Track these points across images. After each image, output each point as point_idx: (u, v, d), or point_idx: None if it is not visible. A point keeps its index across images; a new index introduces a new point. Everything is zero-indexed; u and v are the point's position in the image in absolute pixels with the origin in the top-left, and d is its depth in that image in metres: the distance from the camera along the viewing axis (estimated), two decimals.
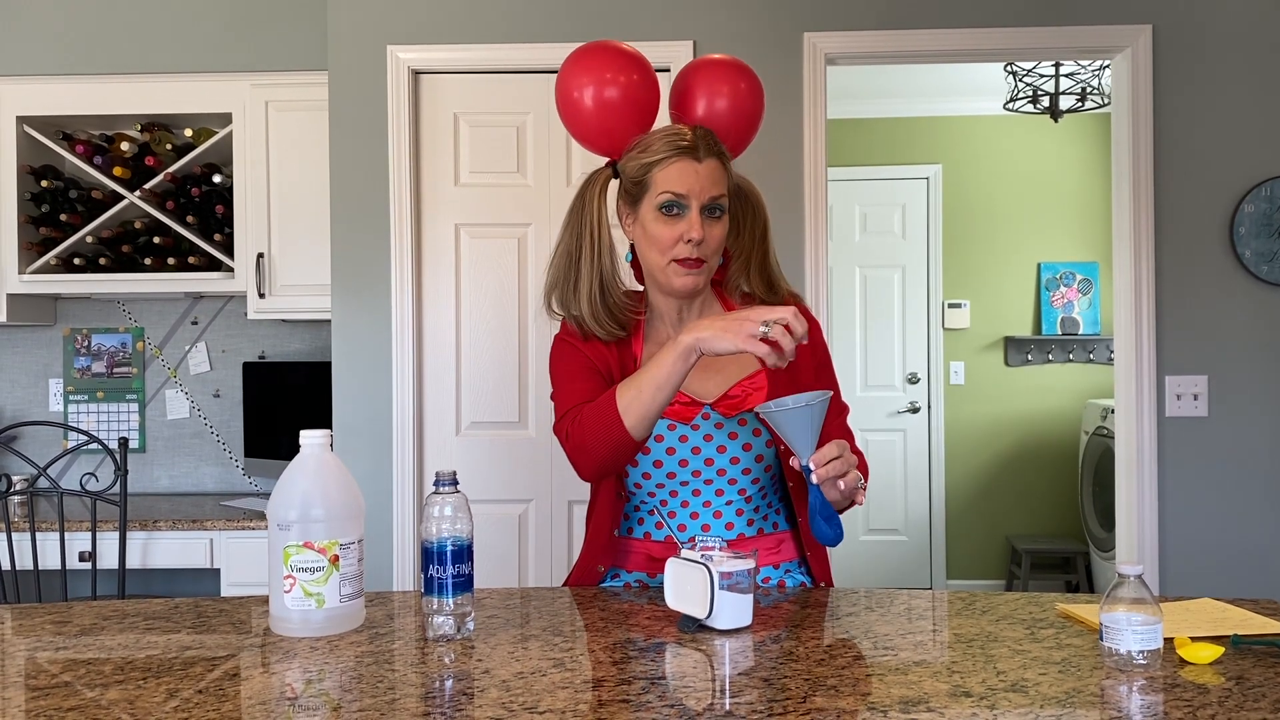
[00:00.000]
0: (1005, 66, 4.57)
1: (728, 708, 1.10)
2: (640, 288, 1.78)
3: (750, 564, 1.39)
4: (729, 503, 1.68)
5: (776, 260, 1.79)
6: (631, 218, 1.70)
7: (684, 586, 1.40)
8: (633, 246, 1.73)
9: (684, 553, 1.41)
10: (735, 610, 1.37)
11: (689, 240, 1.62)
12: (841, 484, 1.48)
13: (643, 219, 1.67)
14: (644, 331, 1.75)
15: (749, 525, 1.69)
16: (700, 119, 1.75)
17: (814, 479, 1.48)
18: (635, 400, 1.53)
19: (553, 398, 1.73)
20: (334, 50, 3.20)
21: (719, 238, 1.66)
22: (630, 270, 1.78)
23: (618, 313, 1.70)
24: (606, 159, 1.76)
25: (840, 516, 1.56)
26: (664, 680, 1.19)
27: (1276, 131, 3.12)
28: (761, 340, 1.45)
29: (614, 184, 1.74)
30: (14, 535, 3.14)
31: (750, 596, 1.39)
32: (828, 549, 1.81)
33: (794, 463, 1.50)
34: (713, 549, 1.42)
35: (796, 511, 1.73)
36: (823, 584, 1.76)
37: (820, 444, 1.49)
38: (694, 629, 1.38)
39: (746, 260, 1.76)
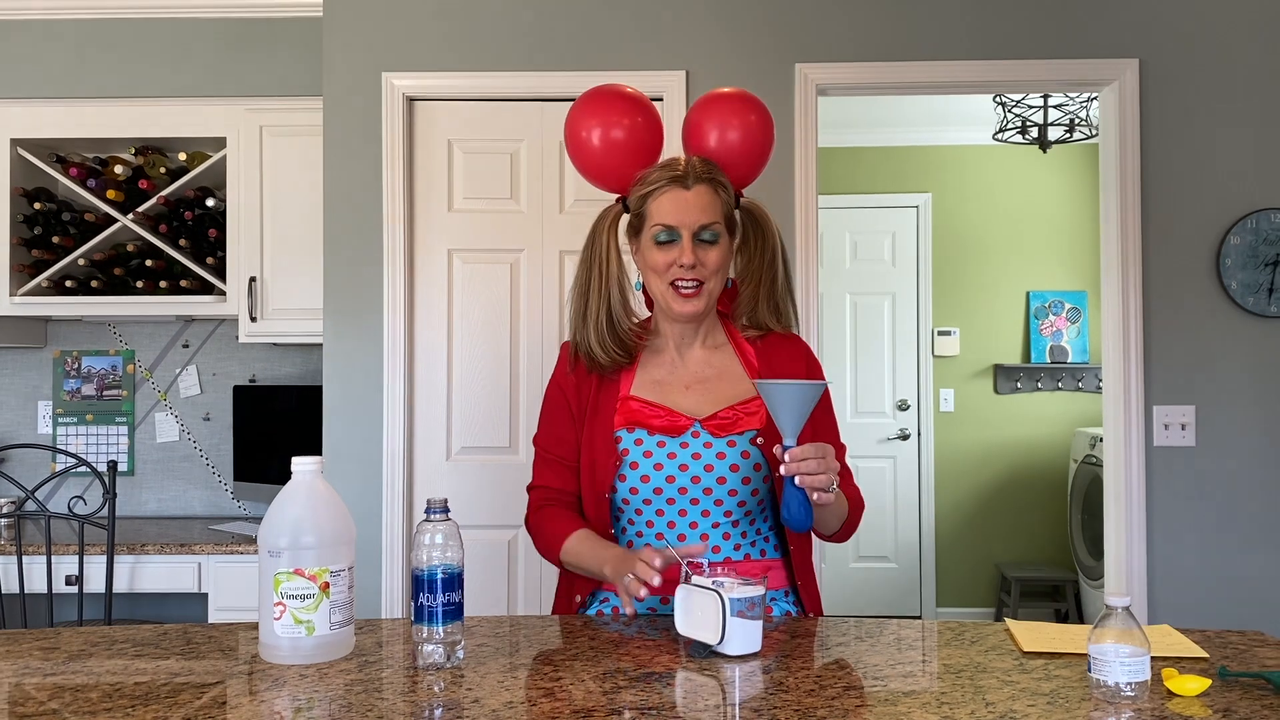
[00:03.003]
0: (994, 98, 4.61)
1: None
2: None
3: (760, 590, 1.41)
4: (715, 525, 1.69)
5: (788, 288, 1.81)
6: (636, 248, 1.77)
7: (695, 613, 1.40)
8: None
9: (695, 579, 1.42)
10: (746, 637, 1.39)
11: (680, 264, 1.68)
12: (808, 480, 1.50)
13: (643, 249, 1.74)
14: (640, 360, 1.79)
15: (735, 550, 1.70)
16: (711, 152, 1.79)
17: (783, 470, 1.51)
18: (572, 564, 1.72)
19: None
20: (329, 76, 3.22)
21: (715, 262, 1.70)
22: (642, 299, 1.84)
23: (626, 339, 1.76)
24: (616, 195, 1.83)
25: (811, 508, 1.55)
26: (654, 710, 1.19)
27: (1262, 164, 3.15)
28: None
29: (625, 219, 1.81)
30: (0, 558, 3.12)
31: (760, 623, 1.41)
32: (817, 578, 1.83)
33: (776, 450, 1.53)
34: (701, 569, 1.44)
35: (793, 549, 1.75)
36: (811, 613, 1.76)
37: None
38: (705, 655, 1.39)
39: (755, 286, 1.79)
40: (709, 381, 1.76)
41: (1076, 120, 4.57)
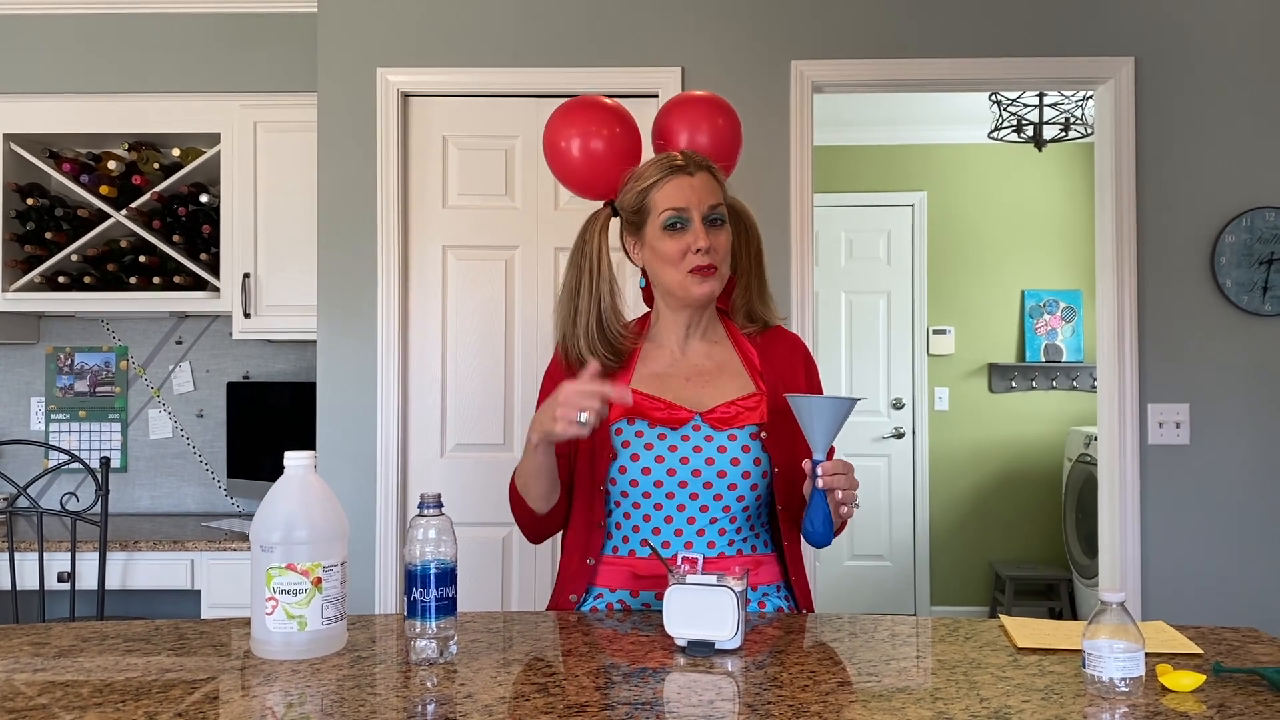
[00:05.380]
0: (990, 96, 4.61)
1: None
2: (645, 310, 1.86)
3: (745, 582, 1.43)
4: (713, 520, 1.69)
5: (768, 280, 1.87)
6: (638, 245, 1.77)
7: (697, 612, 1.39)
8: (644, 273, 1.80)
9: (691, 578, 1.41)
10: (746, 630, 1.42)
11: (697, 250, 1.68)
12: (840, 494, 1.57)
13: (649, 241, 1.73)
14: (640, 353, 1.79)
15: (729, 545, 1.70)
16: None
17: (819, 483, 1.55)
18: (524, 486, 1.74)
19: None
20: (323, 72, 3.21)
21: (725, 244, 1.73)
22: (630, 301, 1.86)
23: (615, 342, 1.76)
24: (602, 201, 1.84)
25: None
26: (647, 706, 1.19)
27: (1257, 163, 3.16)
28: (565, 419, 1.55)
29: (614, 222, 1.81)
30: None
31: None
32: (807, 573, 1.83)
33: (805, 464, 1.57)
34: (696, 564, 1.45)
35: (783, 526, 1.75)
36: (803, 608, 1.76)
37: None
38: (710, 653, 1.38)
39: (748, 278, 1.83)
40: (709, 375, 1.77)
41: (1071, 119, 4.57)
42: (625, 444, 1.70)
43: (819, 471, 1.55)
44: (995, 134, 4.77)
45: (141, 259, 3.53)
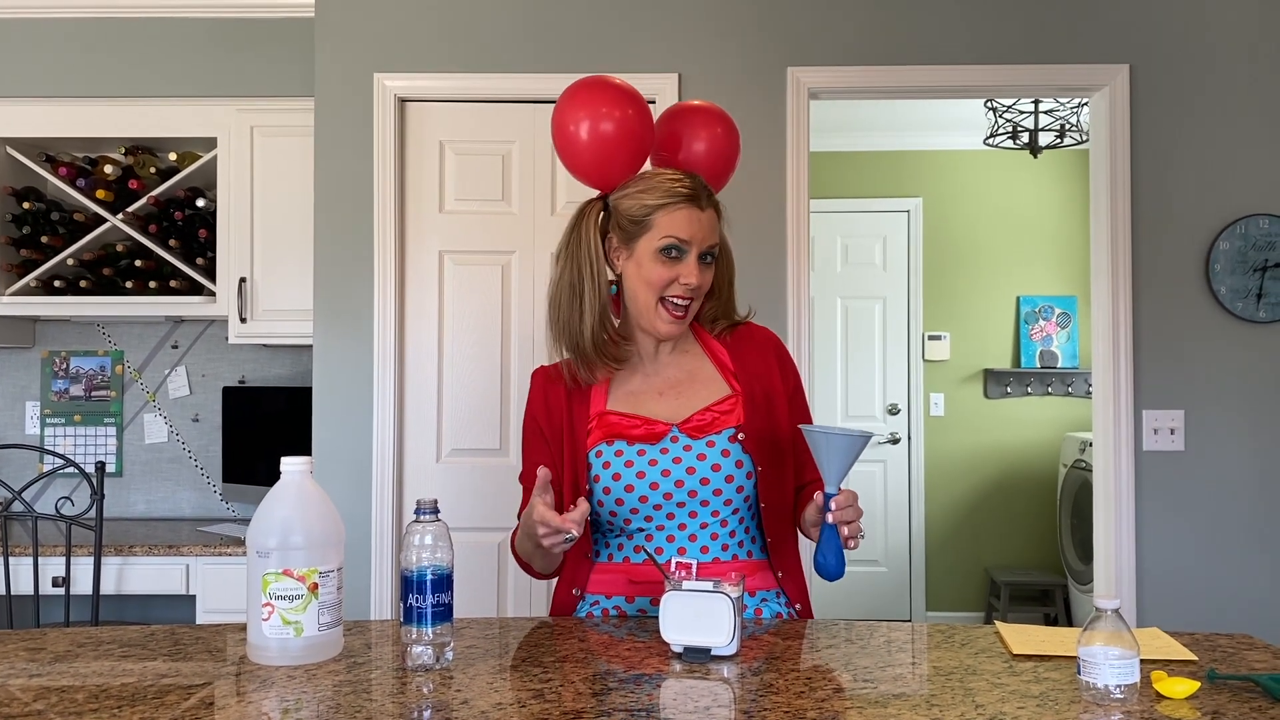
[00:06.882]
0: (985, 103, 4.63)
1: None
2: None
3: (741, 588, 1.43)
4: (703, 525, 1.69)
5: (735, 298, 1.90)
6: (624, 253, 1.74)
7: (693, 618, 1.39)
8: (617, 280, 1.78)
9: (687, 584, 1.41)
10: (742, 634, 1.41)
11: (684, 283, 1.68)
12: (846, 529, 1.55)
13: (638, 257, 1.71)
14: (611, 379, 1.78)
15: (724, 550, 1.70)
16: (680, 161, 1.83)
17: (829, 518, 1.54)
18: (526, 555, 1.74)
19: None
20: (321, 77, 3.21)
21: (708, 284, 1.74)
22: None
23: (611, 345, 1.74)
24: (598, 192, 1.81)
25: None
26: (643, 712, 1.19)
27: (1252, 170, 3.17)
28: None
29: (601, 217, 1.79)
30: None
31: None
32: (807, 581, 1.83)
33: (818, 496, 1.56)
34: (691, 569, 1.45)
35: (771, 542, 1.74)
36: (798, 605, 1.76)
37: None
38: (706, 659, 1.38)
39: (717, 305, 1.83)
40: (681, 385, 1.77)
41: (1067, 125, 4.59)
42: (606, 465, 1.69)
43: (831, 506, 1.54)
44: (991, 140, 4.78)
45: (138, 263, 3.53)
